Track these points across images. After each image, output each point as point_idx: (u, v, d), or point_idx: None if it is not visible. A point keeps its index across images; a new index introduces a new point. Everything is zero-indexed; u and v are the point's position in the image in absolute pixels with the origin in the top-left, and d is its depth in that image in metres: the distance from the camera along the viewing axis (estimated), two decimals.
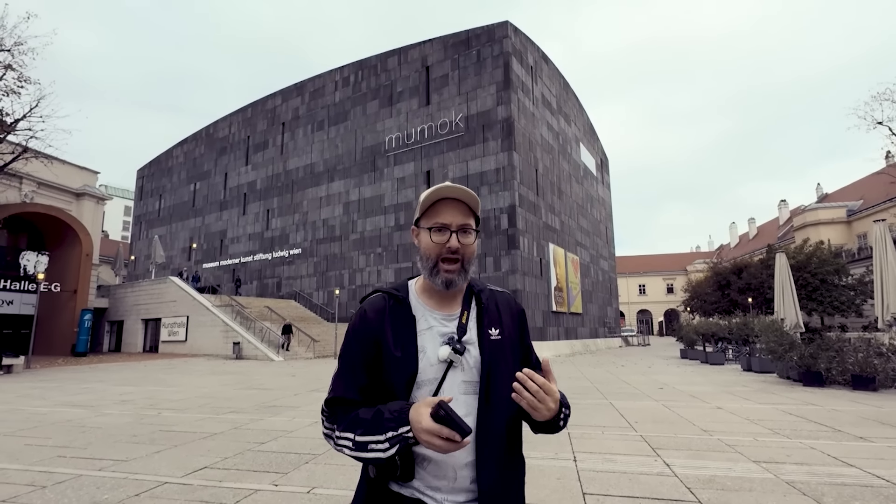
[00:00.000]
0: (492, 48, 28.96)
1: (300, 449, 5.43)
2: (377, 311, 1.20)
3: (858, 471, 4.47)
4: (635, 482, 4.21)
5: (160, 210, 47.55)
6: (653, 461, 4.88)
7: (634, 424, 6.77)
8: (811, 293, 28.82)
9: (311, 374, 15.29)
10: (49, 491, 4.01)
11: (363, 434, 1.04)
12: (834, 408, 7.99)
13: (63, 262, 27.28)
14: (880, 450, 5.24)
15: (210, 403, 8.97)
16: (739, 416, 7.32)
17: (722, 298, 36.82)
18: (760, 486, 4.06)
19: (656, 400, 9.19)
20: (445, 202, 1.21)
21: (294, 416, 7.52)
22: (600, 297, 40.75)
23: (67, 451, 5.35)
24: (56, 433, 6.34)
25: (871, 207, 37.30)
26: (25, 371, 16.68)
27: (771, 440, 5.75)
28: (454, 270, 1.19)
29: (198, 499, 3.81)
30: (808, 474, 4.38)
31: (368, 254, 31.97)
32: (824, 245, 31.71)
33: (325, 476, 4.42)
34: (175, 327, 27.59)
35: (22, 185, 25.48)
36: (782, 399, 9.07)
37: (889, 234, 12.29)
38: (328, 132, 35.76)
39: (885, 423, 6.70)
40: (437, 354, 1.13)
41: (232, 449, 5.43)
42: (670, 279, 76.54)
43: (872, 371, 9.91)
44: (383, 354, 1.14)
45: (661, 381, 12.46)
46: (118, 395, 10.11)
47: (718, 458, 4.99)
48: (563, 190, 34.73)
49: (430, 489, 1.09)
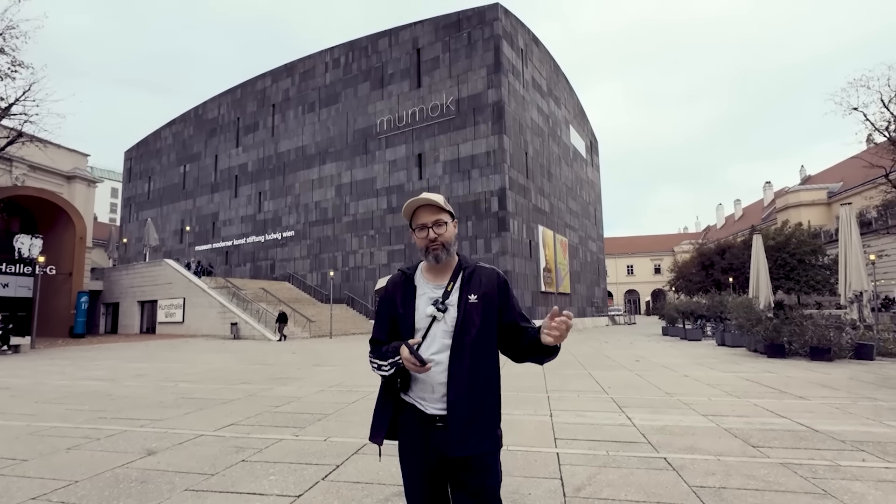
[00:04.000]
0: (482, 30, 29.22)
1: (312, 410, 6.20)
2: (394, 284, 1.78)
3: (787, 420, 5.34)
4: (599, 431, 5.04)
5: (150, 192, 47.49)
6: (617, 416, 5.72)
7: (607, 389, 7.63)
8: (789, 272, 29.96)
9: (310, 351, 16.05)
10: (104, 442, 4.74)
11: (380, 360, 1.66)
12: (788, 375, 8.93)
13: (57, 246, 27.59)
14: (813, 406, 6.12)
15: (221, 376, 9.72)
16: (701, 382, 8.21)
17: (706, 278, 37.98)
18: (702, 432, 4.90)
19: (631, 370, 10.09)
20: (421, 208, 1.70)
21: (301, 386, 8.29)
22: (588, 278, 41.81)
23: (105, 414, 6.07)
24: (88, 401, 7.05)
25: (850, 189, 38.46)
26: (31, 351, 17.28)
27: (722, 400, 6.62)
28: (437, 249, 1.67)
29: (233, 446, 4.56)
30: (744, 423, 5.24)
31: (361, 236, 32.56)
32: (803, 226, 32.84)
33: (336, 429, 5.19)
34: (172, 309, 28.16)
35: (12, 168, 25.62)
36: (744, 368, 10.01)
37: (854, 217, 13.19)
38: (319, 114, 35.91)
39: (827, 385, 7.62)
40: (429, 311, 1.65)
41: (251, 411, 6.19)
42: (658, 260, 77.92)
43: (828, 343, 10.88)
44: (395, 311, 1.72)
45: (639, 355, 13.40)
46: (132, 371, 10.82)
47: (673, 413, 5.84)
48: (552, 172, 35.39)
49: (420, 399, 1.65)
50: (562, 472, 3.69)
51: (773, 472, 3.64)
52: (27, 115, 16.96)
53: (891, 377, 8.46)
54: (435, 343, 1.62)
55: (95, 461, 4.09)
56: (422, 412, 1.63)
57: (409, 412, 1.67)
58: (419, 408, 1.64)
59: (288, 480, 3.55)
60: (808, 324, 11.56)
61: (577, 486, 3.39)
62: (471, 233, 28.28)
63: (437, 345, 1.62)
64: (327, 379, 9.16)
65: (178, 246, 42.95)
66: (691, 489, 3.31)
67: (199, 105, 44.72)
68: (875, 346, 11.10)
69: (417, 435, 1.64)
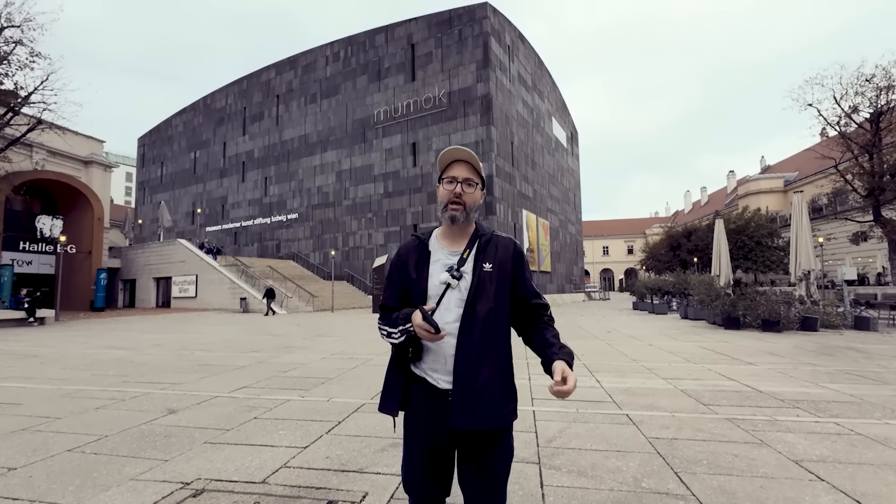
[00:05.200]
0: (472, 28, 28.81)
1: (316, 375, 6.34)
2: (407, 248, 1.56)
3: (735, 383, 5.57)
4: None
5: (162, 177, 46.80)
6: (588, 379, 5.92)
7: (580, 356, 7.84)
8: (748, 253, 30.50)
9: (314, 324, 16.18)
10: (129, 402, 4.84)
11: (389, 327, 1.46)
12: (740, 344, 9.21)
13: (77, 226, 27.25)
14: (759, 370, 6.37)
15: (233, 346, 9.82)
16: (664, 351, 8.46)
17: (674, 258, 38.49)
18: (661, 393, 5.11)
19: (602, 340, 10.34)
20: (458, 162, 1.51)
21: (306, 354, 8.42)
22: (567, 258, 42.17)
23: (129, 379, 6.17)
24: (112, 367, 7.13)
25: (804, 179, 38.89)
26: (56, 323, 17.23)
27: (681, 365, 6.85)
28: (458, 209, 1.47)
29: (246, 405, 4.69)
30: (698, 385, 5.46)
31: (360, 218, 32.49)
32: (761, 212, 33.31)
33: (338, 391, 5.33)
34: (185, 285, 28.06)
35: (33, 153, 25.12)
36: (703, 338, 10.30)
37: (805, 204, 13.43)
38: (320, 105, 35.41)
39: (774, 353, 7.90)
40: (443, 278, 1.44)
41: (261, 375, 6.31)
42: (631, 241, 78.63)
43: (777, 316, 11.19)
44: (407, 276, 1.51)
45: (610, 327, 13.69)
46: (151, 341, 10.88)
47: (637, 377, 6.06)
48: (536, 161, 35.35)
49: (430, 370, 1.46)
50: (537, 427, 3.87)
51: (719, 426, 3.84)
52: (46, 104, 16.57)
53: (830, 346, 8.77)
54: (449, 312, 1.42)
55: (122, 419, 4.20)
56: (433, 386, 1.45)
57: (419, 385, 1.48)
58: (430, 382, 1.45)
59: (296, 434, 3.69)
60: (761, 299, 11.87)
61: (550, 438, 3.57)
62: None
63: (451, 314, 1.42)
64: (329, 348, 9.30)
65: (189, 227, 42.54)
66: (647, 440, 3.50)
67: (207, 95, 43.81)
68: (819, 319, 11.44)
69: (425, 409, 1.46)
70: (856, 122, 19.12)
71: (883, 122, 18.55)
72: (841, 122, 19.16)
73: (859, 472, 2.85)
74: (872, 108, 18.42)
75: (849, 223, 24.96)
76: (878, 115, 18.40)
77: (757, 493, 2.58)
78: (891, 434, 3.59)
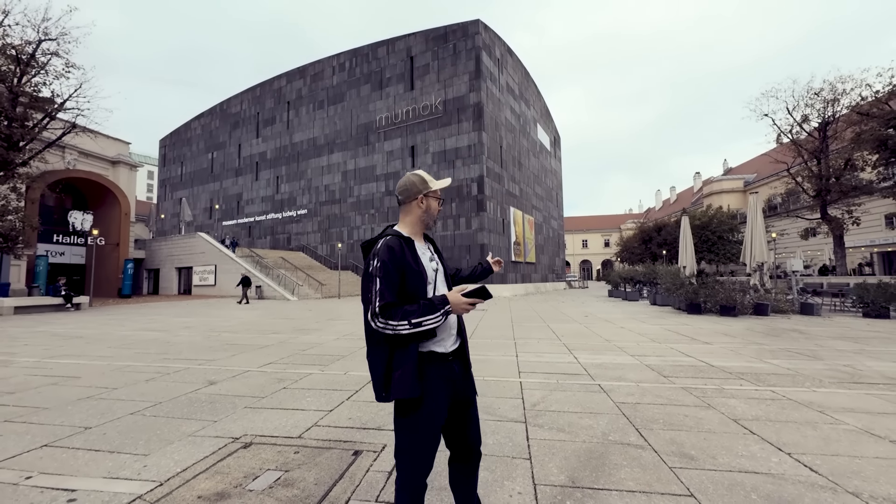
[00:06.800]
0: (465, 42, 28.82)
1: (332, 353, 6.61)
2: (400, 246, 1.56)
3: (693, 359, 5.91)
4: (552, 366, 5.55)
5: (182, 175, 46.46)
6: (567, 356, 6.24)
7: (561, 337, 8.17)
8: (711, 247, 31.02)
9: (324, 309, 16.41)
10: (173, 375, 5.09)
11: (418, 317, 1.45)
12: (700, 326, 9.59)
13: (105, 220, 27.16)
14: (714, 349, 6.73)
15: (255, 328, 10.05)
16: (634, 332, 8.81)
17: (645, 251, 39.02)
18: (629, 367, 5.44)
19: (580, 323, 10.68)
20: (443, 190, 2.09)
21: (321, 335, 8.68)
22: (550, 250, 42.55)
23: (168, 356, 6.40)
24: (151, 347, 7.36)
25: (761, 180, 39.43)
26: (90, 308, 17.32)
27: (648, 345, 7.20)
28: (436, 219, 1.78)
29: (274, 378, 4.96)
30: (660, 361, 5.80)
31: (363, 214, 32.59)
32: (723, 209, 33.79)
33: (353, 366, 5.61)
34: (205, 274, 28.12)
35: (65, 153, 24.97)
36: (668, 322, 10.68)
37: (760, 203, 13.80)
38: (327, 111, 35.30)
39: (728, 334, 8.27)
40: (431, 266, 1.65)
41: (284, 353, 6.57)
42: (607, 235, 79.24)
43: (734, 303, 11.59)
44: (407, 270, 1.54)
45: (588, 312, 14.05)
46: (181, 324, 11.08)
47: (610, 354, 6.39)
48: (522, 163, 35.54)
49: (439, 340, 1.58)
50: (523, 394, 4.18)
51: (675, 393, 4.17)
52: (80, 110, 16.50)
53: (777, 328, 9.17)
54: (444, 288, 1.67)
55: (170, 389, 4.45)
56: (440, 354, 1.58)
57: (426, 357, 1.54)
58: (438, 351, 1.57)
59: (321, 400, 3.97)
60: (720, 288, 12.26)
61: (534, 403, 3.88)
62: (454, 213, 28.49)
63: (444, 289, 1.66)
64: (341, 329, 9.56)
65: (207, 221, 42.41)
66: (615, 404, 3.82)
67: (223, 101, 43.45)
68: (770, 305, 11.85)
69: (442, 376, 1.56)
70: (806, 131, 19.51)
71: (830, 131, 18.94)
72: (793, 130, 19.55)
73: (784, 428, 3.19)
74: (820, 118, 18.80)
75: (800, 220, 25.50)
76: (825, 125, 18.79)
77: (701, 443, 2.90)
78: (815, 399, 3.93)
